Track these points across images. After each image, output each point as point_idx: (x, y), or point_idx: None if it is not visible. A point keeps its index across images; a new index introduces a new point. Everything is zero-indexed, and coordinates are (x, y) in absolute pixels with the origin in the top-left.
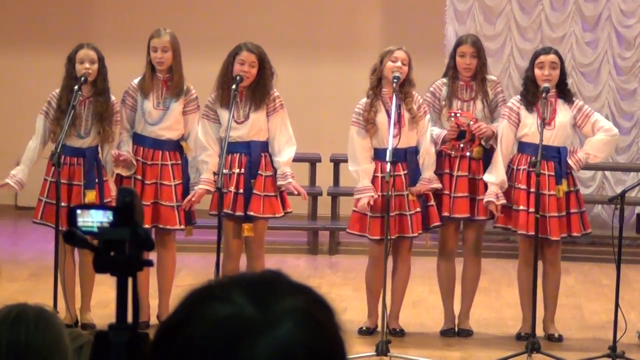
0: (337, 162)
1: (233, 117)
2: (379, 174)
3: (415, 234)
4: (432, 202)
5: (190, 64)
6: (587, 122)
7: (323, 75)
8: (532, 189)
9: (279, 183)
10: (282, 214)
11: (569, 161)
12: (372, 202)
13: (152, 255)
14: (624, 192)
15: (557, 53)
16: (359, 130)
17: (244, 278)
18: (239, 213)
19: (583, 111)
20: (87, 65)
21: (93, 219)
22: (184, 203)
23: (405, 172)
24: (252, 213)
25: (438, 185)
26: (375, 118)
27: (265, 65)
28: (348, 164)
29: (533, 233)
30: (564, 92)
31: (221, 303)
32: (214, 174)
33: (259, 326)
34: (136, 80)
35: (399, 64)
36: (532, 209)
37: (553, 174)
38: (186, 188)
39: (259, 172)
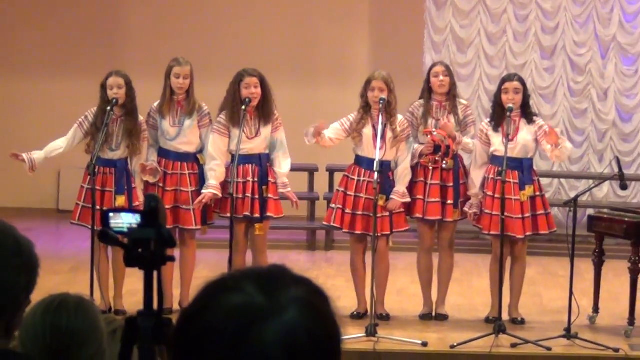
0: (332, 171)
1: (245, 133)
2: (356, 177)
3: (384, 233)
4: (402, 210)
5: (203, 85)
6: (542, 138)
7: (319, 96)
8: (497, 195)
9: (280, 190)
10: (283, 214)
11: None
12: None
13: (176, 252)
14: (576, 196)
15: (520, 80)
16: (340, 125)
17: (253, 271)
18: (256, 215)
19: (542, 129)
20: (115, 90)
21: (123, 221)
22: (194, 204)
23: (379, 180)
24: (269, 214)
25: (407, 199)
26: (363, 130)
27: (266, 84)
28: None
29: (496, 233)
30: (526, 114)
31: (234, 293)
32: (226, 181)
33: (267, 313)
34: (156, 104)
35: (376, 92)
36: (496, 212)
37: (517, 181)
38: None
39: (270, 180)
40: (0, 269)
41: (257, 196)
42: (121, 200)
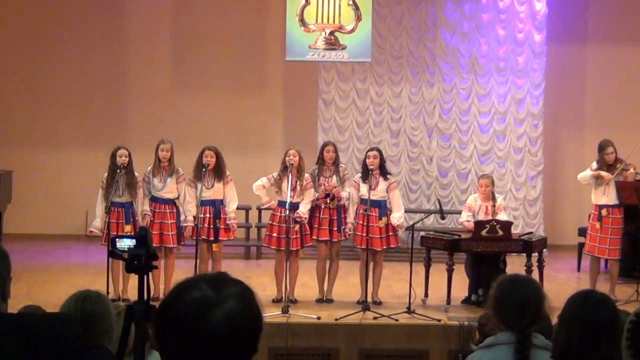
0: (260, 209)
1: (205, 185)
2: (278, 214)
3: (295, 248)
4: (308, 232)
5: (180, 154)
6: (391, 193)
7: (250, 161)
8: (362, 222)
9: (227, 222)
10: (232, 238)
11: (395, 224)
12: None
13: (163, 260)
14: (413, 224)
15: (378, 150)
16: (268, 180)
17: (207, 276)
18: (211, 238)
19: (391, 186)
20: (123, 158)
21: (125, 244)
22: (186, 234)
23: (294, 215)
24: (221, 238)
25: (306, 215)
26: (281, 186)
27: (220, 156)
28: (258, 182)
29: (363, 247)
30: (383, 172)
31: (194, 290)
32: (195, 217)
33: (215, 302)
34: (149, 168)
35: (290, 157)
36: (363, 234)
37: (377, 215)
38: (178, 225)
39: (221, 216)
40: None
41: (211, 226)
42: (128, 228)
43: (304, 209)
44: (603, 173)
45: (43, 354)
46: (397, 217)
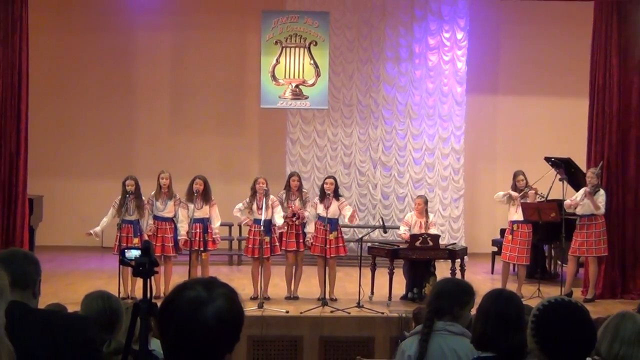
0: (240, 225)
1: (196, 207)
2: (253, 229)
3: (266, 256)
4: (277, 244)
5: (176, 182)
6: (343, 207)
7: (232, 188)
8: (319, 235)
9: (213, 236)
10: (216, 248)
11: (348, 214)
12: (247, 220)
13: (165, 266)
14: (362, 237)
15: (334, 178)
16: (242, 205)
17: (200, 279)
18: (201, 249)
19: (342, 204)
20: (131, 186)
21: (132, 254)
22: (180, 245)
23: (264, 228)
24: (209, 248)
25: (283, 229)
26: (252, 207)
27: (207, 183)
28: (236, 207)
29: (319, 254)
30: (336, 195)
31: (190, 290)
32: (187, 232)
33: (207, 301)
34: (152, 192)
35: (261, 184)
36: (317, 244)
37: (328, 229)
38: (175, 238)
39: (208, 230)
40: (25, 267)
41: (201, 239)
42: (136, 240)
43: (280, 221)
44: (512, 193)
45: (60, 351)
46: (348, 209)
